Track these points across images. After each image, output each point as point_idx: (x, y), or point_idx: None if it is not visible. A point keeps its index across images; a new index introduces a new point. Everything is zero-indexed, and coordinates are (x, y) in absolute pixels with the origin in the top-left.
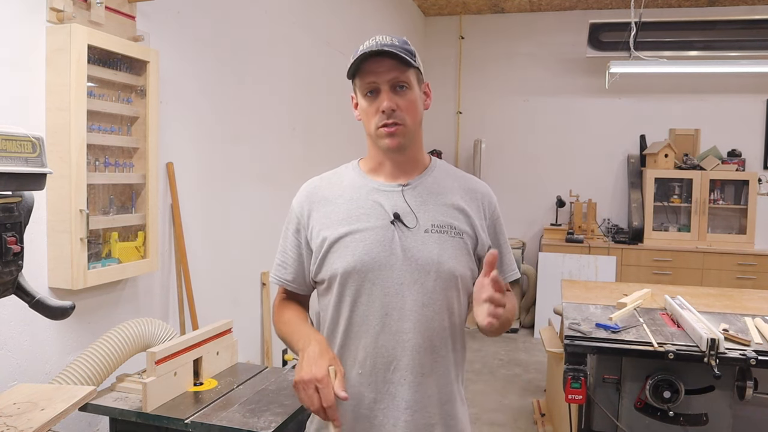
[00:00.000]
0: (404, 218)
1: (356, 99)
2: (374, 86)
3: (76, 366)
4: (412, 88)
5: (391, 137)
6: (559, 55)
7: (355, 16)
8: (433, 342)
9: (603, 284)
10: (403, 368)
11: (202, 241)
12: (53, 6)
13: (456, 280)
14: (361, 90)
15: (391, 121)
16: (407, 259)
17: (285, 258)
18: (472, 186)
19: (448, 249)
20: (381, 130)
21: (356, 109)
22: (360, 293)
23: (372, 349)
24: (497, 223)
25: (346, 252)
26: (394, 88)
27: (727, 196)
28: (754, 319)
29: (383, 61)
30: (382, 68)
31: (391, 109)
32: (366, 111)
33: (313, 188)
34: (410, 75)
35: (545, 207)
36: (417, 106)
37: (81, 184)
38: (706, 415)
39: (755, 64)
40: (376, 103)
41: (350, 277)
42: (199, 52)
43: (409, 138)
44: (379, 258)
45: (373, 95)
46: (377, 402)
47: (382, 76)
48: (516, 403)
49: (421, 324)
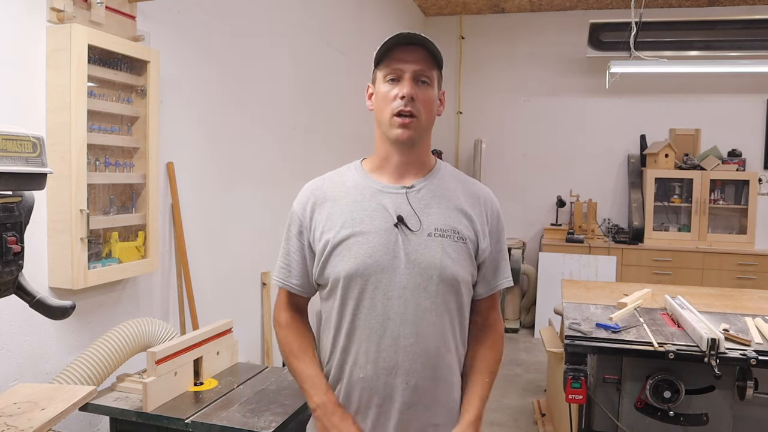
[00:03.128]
0: (408, 221)
1: (372, 89)
2: (399, 73)
3: (76, 366)
4: (433, 87)
5: (404, 128)
6: (559, 55)
7: (356, 16)
8: (435, 347)
9: (603, 284)
10: (405, 372)
11: (203, 241)
12: (53, 6)
13: (458, 284)
14: (384, 74)
15: (407, 110)
16: (410, 262)
17: (289, 261)
18: (475, 191)
19: (450, 253)
20: (395, 118)
21: (370, 99)
22: (363, 297)
23: (374, 353)
24: (499, 230)
25: (349, 255)
26: (417, 80)
27: (728, 196)
28: (755, 319)
29: (413, 51)
30: (410, 58)
31: (411, 96)
32: (384, 96)
33: (315, 189)
34: (434, 74)
35: (545, 207)
36: (433, 105)
37: (81, 184)
38: (707, 415)
39: (755, 64)
40: (396, 89)
41: (353, 281)
42: (200, 52)
43: (420, 134)
44: (382, 261)
45: (394, 82)
46: (379, 406)
47: (409, 65)
48: (516, 403)
49: (423, 328)
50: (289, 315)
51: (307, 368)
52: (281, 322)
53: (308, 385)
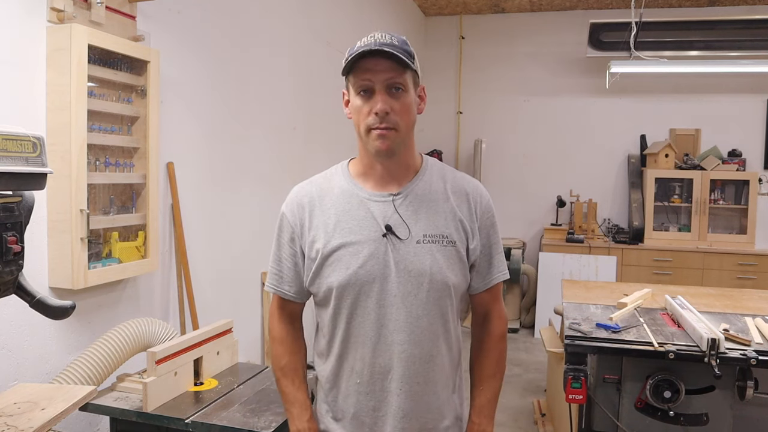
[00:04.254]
0: (396, 230)
1: (348, 96)
2: (369, 85)
3: (76, 366)
4: (408, 91)
5: (382, 140)
6: (559, 55)
7: (356, 15)
8: (428, 352)
9: (603, 284)
10: (399, 378)
11: (203, 240)
12: (54, 6)
13: (449, 289)
14: (354, 87)
15: (383, 125)
16: (400, 271)
17: (281, 267)
18: (463, 186)
19: (440, 259)
20: (372, 132)
21: (347, 106)
22: (356, 306)
23: (369, 360)
24: (489, 223)
25: (340, 265)
26: (389, 90)
27: (728, 196)
28: (755, 319)
29: (381, 60)
30: (379, 67)
31: (384, 111)
32: (358, 110)
33: (305, 195)
34: (407, 77)
35: (546, 207)
36: (411, 110)
37: (81, 184)
38: (707, 415)
39: (755, 64)
40: (369, 103)
41: (345, 291)
42: (200, 52)
43: (400, 142)
44: (373, 271)
45: (366, 94)
46: (376, 410)
47: (378, 75)
48: (516, 403)
49: (416, 335)
50: (282, 328)
51: (296, 391)
52: (275, 336)
53: (294, 408)
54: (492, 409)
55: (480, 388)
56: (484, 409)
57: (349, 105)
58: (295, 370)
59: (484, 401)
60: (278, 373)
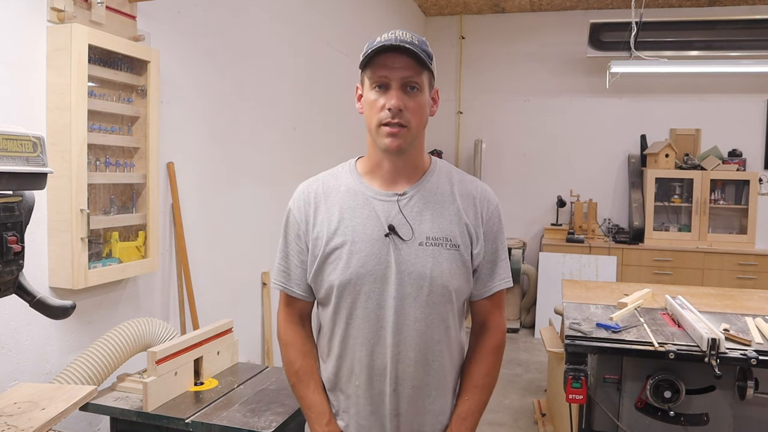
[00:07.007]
0: (399, 230)
1: (361, 90)
2: (385, 81)
3: (76, 365)
4: (423, 92)
5: (393, 137)
6: (559, 55)
7: (356, 15)
8: (427, 355)
9: (603, 284)
10: (398, 380)
11: (203, 240)
12: (54, 6)
13: (450, 294)
14: (370, 82)
15: (395, 121)
16: (401, 272)
17: (288, 264)
18: (471, 191)
19: (442, 262)
20: (383, 128)
21: (359, 101)
22: (355, 306)
23: (368, 362)
24: (496, 229)
25: (342, 264)
26: (404, 88)
27: (728, 196)
28: (755, 318)
29: (400, 57)
30: (397, 64)
31: (398, 108)
32: (372, 104)
33: (310, 192)
34: (423, 77)
35: (546, 207)
36: (424, 111)
37: (82, 184)
38: (707, 415)
39: (755, 64)
40: (383, 98)
41: (346, 290)
42: (200, 52)
43: (410, 142)
44: (374, 271)
45: (381, 89)
46: (374, 413)
47: (395, 72)
48: (516, 403)
49: (415, 338)
50: (292, 330)
51: (312, 394)
52: (285, 340)
53: (312, 412)
54: (474, 421)
55: (465, 398)
56: (466, 420)
57: (362, 99)
58: (309, 373)
59: (466, 410)
60: (293, 378)
